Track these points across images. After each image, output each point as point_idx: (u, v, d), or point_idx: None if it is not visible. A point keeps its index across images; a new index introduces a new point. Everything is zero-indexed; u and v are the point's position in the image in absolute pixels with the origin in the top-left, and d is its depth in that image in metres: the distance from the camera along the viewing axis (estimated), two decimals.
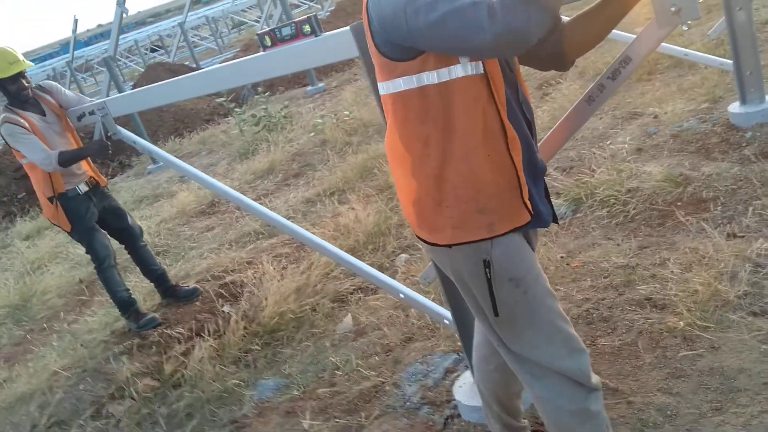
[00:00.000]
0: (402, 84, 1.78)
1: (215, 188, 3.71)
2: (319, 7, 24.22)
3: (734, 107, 4.47)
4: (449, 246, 1.87)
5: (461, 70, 1.73)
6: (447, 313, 2.71)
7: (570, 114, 2.13)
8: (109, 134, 4.02)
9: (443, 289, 2.60)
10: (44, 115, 4.22)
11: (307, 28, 2.57)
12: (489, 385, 2.31)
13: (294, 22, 2.58)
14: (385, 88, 1.84)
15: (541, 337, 1.90)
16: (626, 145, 4.72)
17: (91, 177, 4.42)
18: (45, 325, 5.18)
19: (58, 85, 4.42)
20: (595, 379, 1.94)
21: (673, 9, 1.69)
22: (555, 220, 1.99)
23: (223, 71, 3.06)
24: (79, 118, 4.11)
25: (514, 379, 2.23)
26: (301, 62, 2.66)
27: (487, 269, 1.85)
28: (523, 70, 2.03)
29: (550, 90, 6.83)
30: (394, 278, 3.59)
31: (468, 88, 1.75)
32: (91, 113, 4.00)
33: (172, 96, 3.44)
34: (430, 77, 1.74)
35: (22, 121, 4.07)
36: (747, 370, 2.46)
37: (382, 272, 4.13)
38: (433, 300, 3.07)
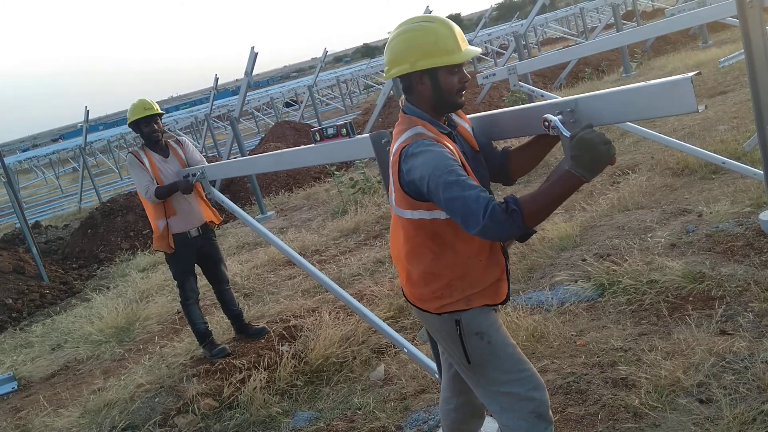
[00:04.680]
0: (418, 214, 2.36)
1: (283, 250, 4.45)
2: None
3: (765, 215, 4.74)
4: (437, 314, 2.48)
5: None
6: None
7: None
8: (205, 194, 4.96)
9: (431, 346, 3.19)
10: (167, 158, 5.16)
11: (344, 130, 3.30)
12: (448, 422, 2.89)
13: (336, 125, 3.32)
14: (402, 213, 2.42)
15: (507, 376, 2.44)
16: (663, 240, 5.08)
17: (204, 224, 5.28)
18: (141, 347, 6.11)
19: (190, 144, 5.39)
20: (550, 412, 2.46)
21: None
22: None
23: (287, 155, 3.83)
24: (185, 177, 5.04)
25: (469, 419, 2.82)
26: (338, 156, 3.37)
27: (458, 327, 2.44)
28: None
29: (620, 180, 7.21)
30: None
31: None
32: (194, 175, 4.92)
33: (250, 169, 4.28)
34: (441, 214, 2.32)
35: (143, 156, 5.05)
36: None
37: (413, 331, 4.75)
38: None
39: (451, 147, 2.27)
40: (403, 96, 2.46)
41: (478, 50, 2.36)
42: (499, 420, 2.50)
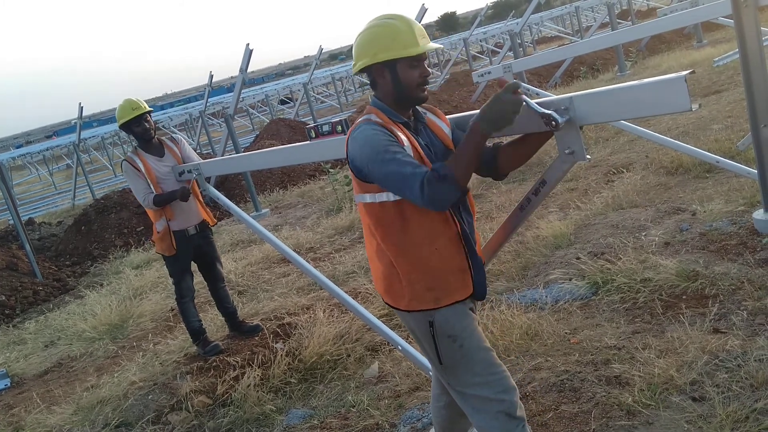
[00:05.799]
0: (368, 198, 2.43)
1: (278, 248, 4.45)
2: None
3: (758, 214, 4.76)
4: (407, 311, 2.49)
5: None
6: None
7: (507, 219, 2.69)
8: (201, 190, 4.94)
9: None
10: (162, 156, 5.11)
11: (339, 128, 3.29)
12: (439, 419, 2.90)
13: (331, 122, 3.31)
14: (357, 198, 2.50)
15: (477, 378, 2.46)
16: (657, 238, 5.09)
17: (202, 221, 5.25)
18: (135, 344, 6.10)
19: (185, 141, 5.35)
20: (520, 411, 2.47)
21: (567, 151, 2.25)
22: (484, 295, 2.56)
23: (283, 152, 3.83)
24: (180, 174, 5.02)
25: (459, 417, 2.83)
26: (334, 153, 3.36)
27: (431, 328, 2.45)
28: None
29: (615, 179, 7.22)
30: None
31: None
32: (189, 172, 4.90)
33: (245, 166, 4.27)
34: (388, 196, 2.38)
35: (138, 163, 5.00)
36: None
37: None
38: None
39: (400, 134, 2.34)
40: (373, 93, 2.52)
41: (436, 45, 2.50)
42: (472, 420, 2.52)
